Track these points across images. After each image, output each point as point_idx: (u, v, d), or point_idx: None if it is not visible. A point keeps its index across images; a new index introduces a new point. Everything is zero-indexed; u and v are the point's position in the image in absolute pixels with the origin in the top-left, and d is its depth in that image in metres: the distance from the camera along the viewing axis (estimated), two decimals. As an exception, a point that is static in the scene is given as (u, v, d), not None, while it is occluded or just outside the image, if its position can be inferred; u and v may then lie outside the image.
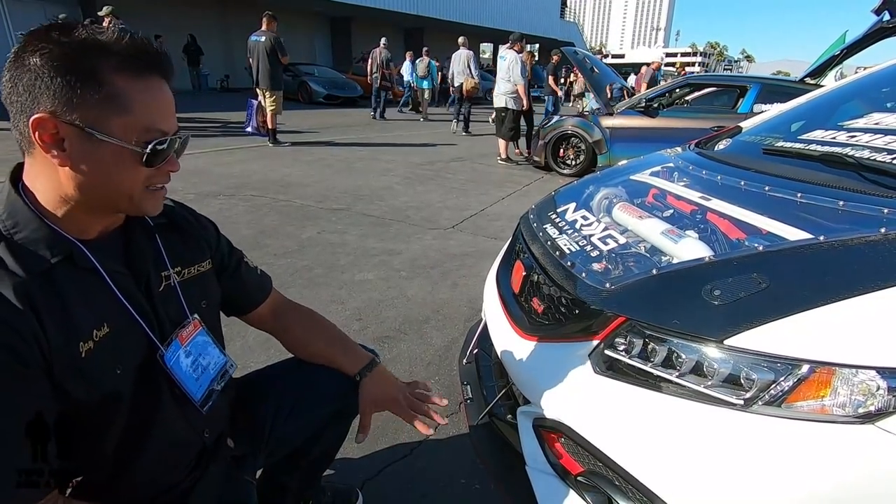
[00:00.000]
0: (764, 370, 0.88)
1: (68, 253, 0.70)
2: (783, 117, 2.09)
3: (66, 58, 0.62)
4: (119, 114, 0.65)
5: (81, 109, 0.63)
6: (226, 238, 1.03)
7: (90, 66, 0.63)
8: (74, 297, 0.69)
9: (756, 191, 1.37)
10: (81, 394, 0.69)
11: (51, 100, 0.62)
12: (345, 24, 23.83)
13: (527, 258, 1.56)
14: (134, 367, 0.76)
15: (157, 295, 0.82)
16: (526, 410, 1.30)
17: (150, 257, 0.82)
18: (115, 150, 0.66)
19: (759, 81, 5.42)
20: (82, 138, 0.65)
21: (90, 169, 0.66)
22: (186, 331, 0.86)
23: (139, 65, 0.66)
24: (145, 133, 0.67)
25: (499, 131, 6.88)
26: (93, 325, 0.71)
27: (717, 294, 0.99)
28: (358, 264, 3.00)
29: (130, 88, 0.65)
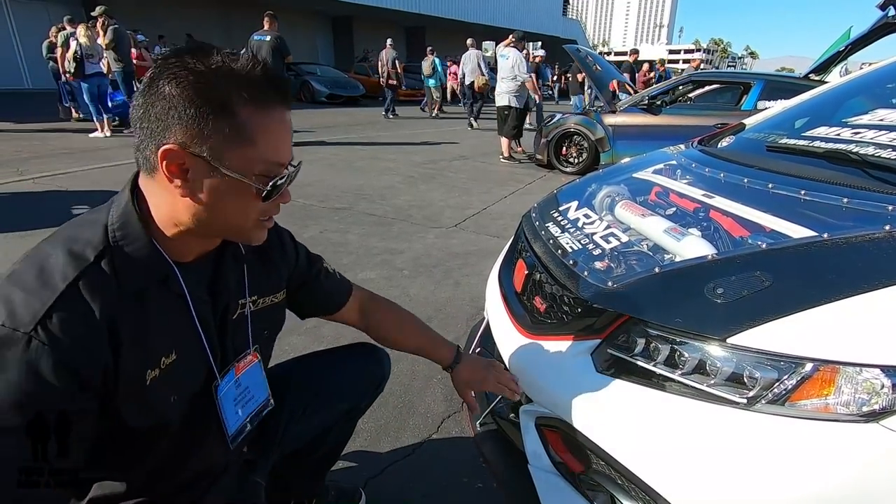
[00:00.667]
0: (767, 369, 0.88)
1: (164, 276, 0.69)
2: (787, 114, 2.08)
3: (201, 87, 0.61)
4: (243, 146, 0.64)
5: (210, 141, 0.62)
6: (304, 251, 1.02)
7: (223, 97, 0.62)
8: (155, 321, 0.68)
9: (759, 188, 1.36)
10: (134, 418, 0.68)
11: (182, 130, 0.61)
12: (346, 23, 23.84)
13: (529, 257, 1.55)
14: (188, 394, 0.76)
15: (229, 322, 0.81)
16: (528, 409, 1.29)
17: (233, 284, 0.81)
18: (235, 184, 0.65)
19: (763, 78, 5.39)
20: (207, 170, 0.64)
21: (208, 201, 0.65)
22: (244, 362, 0.86)
23: (267, 96, 0.65)
24: (266, 167, 0.66)
25: (501, 130, 6.87)
26: (163, 352, 0.70)
27: (720, 292, 0.99)
28: (360, 263, 3.00)
29: (257, 121, 0.64)
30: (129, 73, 7.31)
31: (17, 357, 0.56)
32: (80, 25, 6.84)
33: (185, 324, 0.73)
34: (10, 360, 0.56)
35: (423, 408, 1.72)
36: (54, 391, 0.58)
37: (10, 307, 0.58)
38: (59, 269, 0.61)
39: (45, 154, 5.60)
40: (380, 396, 1.18)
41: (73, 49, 6.68)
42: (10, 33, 14.29)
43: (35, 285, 0.60)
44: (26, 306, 0.58)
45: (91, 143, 6.47)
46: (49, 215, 3.53)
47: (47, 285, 0.60)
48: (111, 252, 0.64)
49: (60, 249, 0.63)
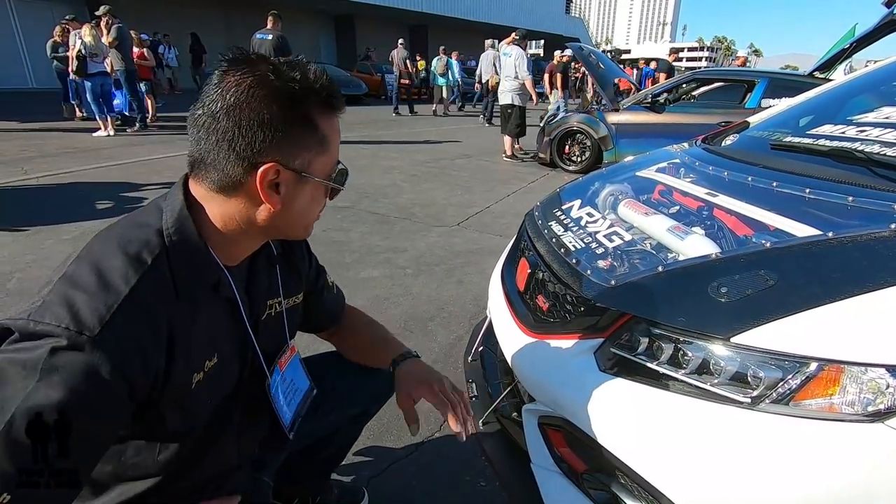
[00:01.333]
0: (771, 368, 0.87)
1: (216, 281, 0.70)
2: (791, 112, 2.07)
3: (289, 104, 0.63)
4: (324, 154, 0.69)
5: (302, 155, 0.67)
6: (315, 259, 1.03)
7: (307, 111, 0.66)
8: (204, 325, 0.69)
9: (764, 187, 1.35)
10: (177, 424, 0.69)
11: (276, 149, 0.64)
12: (349, 22, 23.83)
13: (532, 256, 1.55)
14: (220, 398, 0.76)
15: (261, 324, 0.83)
16: (531, 408, 1.29)
17: (265, 286, 0.83)
18: (315, 188, 0.71)
19: (767, 76, 5.36)
20: (297, 180, 0.68)
21: (291, 206, 0.69)
22: (285, 356, 0.89)
23: (333, 104, 0.69)
24: (335, 167, 0.73)
25: (504, 128, 6.86)
26: (207, 355, 0.70)
27: (723, 291, 0.98)
28: (363, 262, 3.01)
29: (329, 127, 0.69)
30: (131, 72, 7.33)
31: (80, 360, 0.55)
32: (85, 25, 6.86)
33: (230, 327, 0.75)
34: (72, 361, 0.55)
35: (426, 406, 1.70)
36: (108, 393, 0.58)
37: (74, 309, 0.57)
38: (119, 271, 0.61)
39: (50, 153, 5.61)
40: (382, 395, 1.17)
41: (77, 48, 6.70)
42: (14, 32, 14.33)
43: (96, 288, 0.59)
44: (92, 310, 0.57)
45: (95, 143, 6.48)
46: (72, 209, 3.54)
47: (109, 288, 0.59)
48: (167, 256, 0.64)
49: (117, 251, 0.63)
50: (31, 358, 0.54)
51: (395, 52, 11.85)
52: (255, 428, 0.90)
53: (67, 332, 0.56)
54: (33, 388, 0.53)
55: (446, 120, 11.52)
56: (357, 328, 1.11)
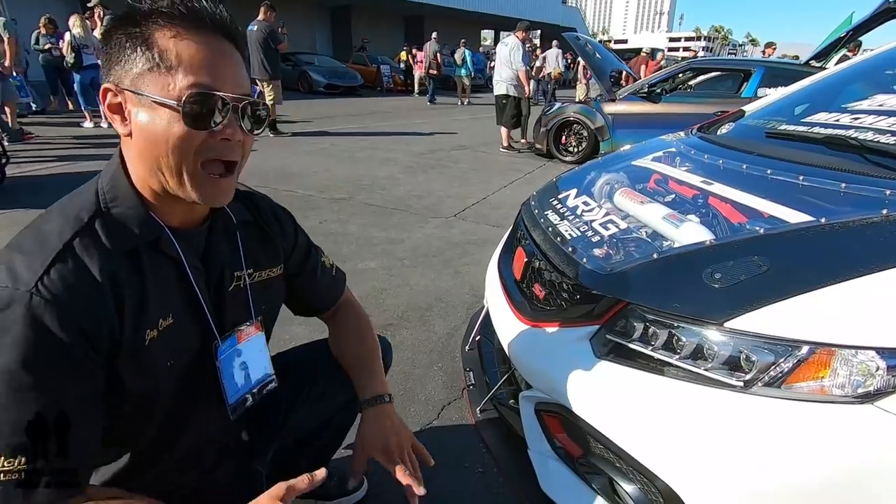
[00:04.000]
0: (764, 352, 0.89)
1: (156, 237, 0.70)
2: (787, 100, 2.08)
3: (127, 27, 0.63)
4: (163, 71, 0.63)
5: (134, 72, 0.63)
6: (304, 238, 1.00)
7: (142, 30, 0.63)
8: (152, 280, 0.70)
9: (758, 174, 1.36)
10: (133, 382, 0.69)
11: (115, 71, 0.64)
12: (345, 13, 23.60)
13: (528, 245, 1.56)
14: (184, 362, 0.76)
15: (226, 294, 0.82)
16: (528, 395, 1.31)
17: (227, 256, 0.82)
18: (161, 111, 0.63)
19: (763, 65, 5.36)
20: (135, 102, 0.64)
21: (141, 134, 0.65)
22: (246, 331, 0.85)
23: (187, 23, 0.64)
24: (188, 88, 0.63)
25: (500, 119, 6.83)
26: (161, 313, 0.71)
27: (717, 277, 0.99)
28: (360, 253, 3.01)
29: (176, 47, 0.63)
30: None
31: (21, 314, 0.57)
32: (74, 16, 6.77)
33: (181, 288, 0.74)
34: (14, 318, 0.57)
35: (423, 395, 1.74)
36: (63, 346, 0.59)
37: (12, 270, 0.60)
38: (55, 231, 0.64)
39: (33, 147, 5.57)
40: (382, 383, 1.18)
41: (68, 40, 6.63)
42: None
43: (33, 248, 0.62)
44: (26, 267, 0.60)
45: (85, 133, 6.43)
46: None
47: (45, 246, 0.62)
48: (103, 214, 0.67)
49: (56, 215, 0.66)
50: None
51: (427, 44, 13.19)
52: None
53: (5, 290, 0.58)
54: None
55: (443, 111, 11.47)
56: (347, 334, 1.07)
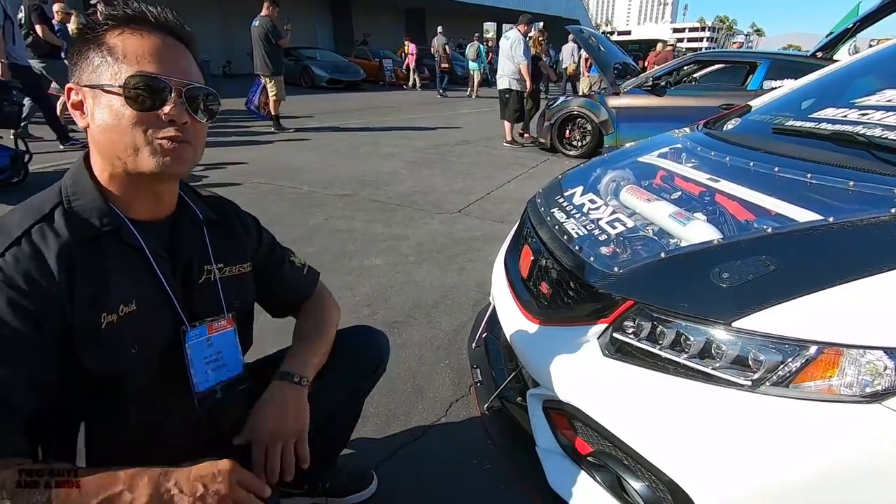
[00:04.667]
0: (772, 351, 0.89)
1: (117, 227, 0.74)
2: (793, 95, 2.06)
3: (86, 32, 0.72)
4: (111, 66, 0.70)
5: (88, 71, 0.71)
6: (269, 237, 1.04)
7: (97, 35, 0.71)
8: (113, 269, 0.74)
9: (765, 172, 1.36)
10: (96, 365, 0.71)
11: (74, 72, 0.72)
12: (345, 6, 23.48)
13: (534, 242, 1.56)
14: (153, 349, 0.79)
15: (196, 286, 0.84)
16: (536, 392, 1.32)
17: (195, 248, 0.85)
18: (111, 98, 0.69)
19: (769, 57, 5.31)
20: (91, 95, 0.71)
21: (95, 123, 0.71)
22: (218, 324, 0.87)
23: (134, 23, 0.71)
24: (130, 76, 0.69)
25: (503, 113, 6.81)
26: (122, 300, 0.74)
27: (725, 277, 1.00)
28: (366, 250, 3.02)
29: (123, 42, 0.70)
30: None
31: None
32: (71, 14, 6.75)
33: (146, 276, 0.78)
34: None
35: (431, 392, 1.75)
36: (7, 328, 0.64)
37: None
38: (16, 221, 0.70)
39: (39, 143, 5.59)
40: (388, 381, 1.19)
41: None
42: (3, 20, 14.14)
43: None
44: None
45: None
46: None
47: (3, 233, 0.68)
48: (64, 206, 0.72)
49: (20, 209, 0.73)
50: None
51: (436, 38, 13.43)
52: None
53: None
54: None
55: (446, 106, 11.44)
56: (306, 315, 1.07)
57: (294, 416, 0.89)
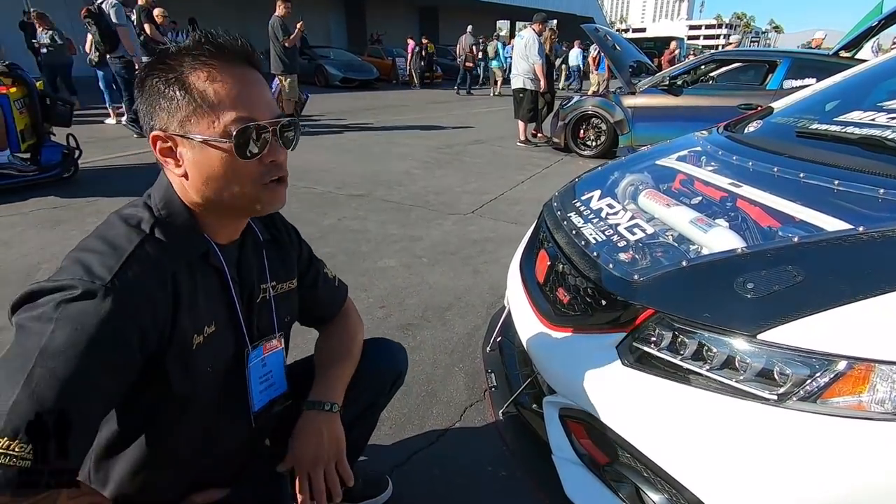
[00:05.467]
0: (799, 365, 0.87)
1: (206, 250, 0.76)
2: (817, 97, 2.02)
3: (163, 73, 0.67)
4: (205, 112, 0.67)
5: (178, 116, 0.67)
6: (308, 249, 1.04)
7: (178, 75, 0.67)
8: (201, 291, 0.75)
9: (790, 178, 1.33)
10: (179, 384, 0.73)
11: (159, 116, 0.68)
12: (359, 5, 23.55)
13: (551, 247, 1.55)
14: (221, 368, 0.81)
15: (255, 306, 0.86)
16: (552, 400, 1.31)
17: (257, 269, 0.87)
18: (211, 150, 0.68)
19: (790, 56, 5.21)
20: (185, 144, 0.69)
21: (198, 173, 0.70)
22: (271, 344, 0.90)
23: (214, 58, 0.67)
24: (233, 124, 0.67)
25: (517, 113, 6.77)
26: (206, 321, 0.76)
27: (749, 287, 0.97)
28: (379, 251, 3.02)
29: (211, 86, 0.67)
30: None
31: (94, 305, 0.61)
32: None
33: (222, 298, 0.80)
34: (87, 308, 0.61)
35: (445, 397, 1.74)
36: (121, 343, 0.63)
37: (87, 266, 0.64)
38: (123, 236, 0.69)
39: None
40: (403, 385, 1.18)
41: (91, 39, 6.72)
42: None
43: (106, 249, 0.66)
44: (102, 265, 0.64)
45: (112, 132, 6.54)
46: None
47: (117, 248, 0.67)
48: (162, 226, 0.71)
49: (118, 224, 0.71)
50: (47, 310, 0.60)
51: (463, 37, 13.63)
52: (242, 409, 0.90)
53: (81, 282, 0.62)
54: (48, 336, 0.58)
55: (459, 105, 11.42)
56: (331, 336, 1.06)
57: (329, 441, 0.90)
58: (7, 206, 3.57)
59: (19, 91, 4.00)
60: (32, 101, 4.07)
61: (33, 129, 4.12)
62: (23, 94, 4.02)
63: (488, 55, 14.42)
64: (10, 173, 3.86)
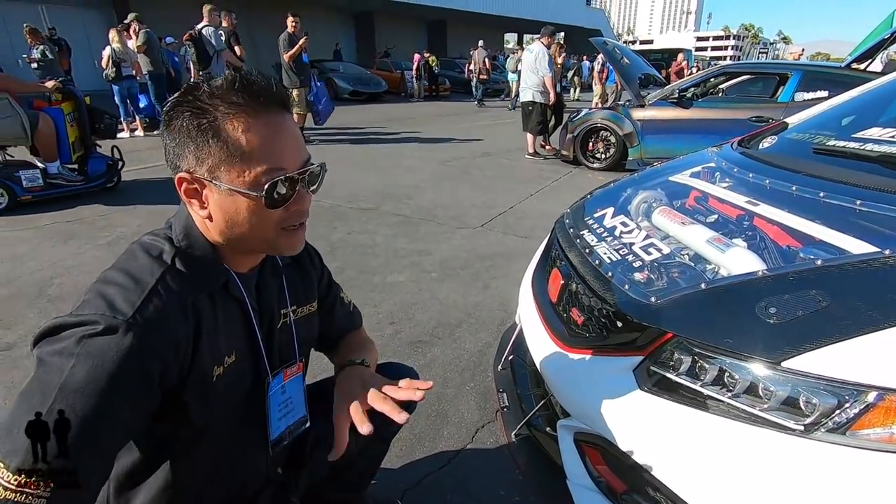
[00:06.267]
0: (826, 395, 0.84)
1: (226, 280, 0.75)
2: (832, 112, 1.99)
3: (193, 116, 0.66)
4: (235, 160, 0.66)
5: (207, 163, 0.67)
6: (328, 273, 1.04)
7: (210, 120, 0.66)
8: (221, 322, 0.74)
9: (809, 196, 1.30)
10: (197, 415, 0.72)
11: (186, 158, 0.68)
12: (368, 20, 23.87)
13: (564, 266, 1.53)
14: (239, 398, 0.80)
15: (276, 332, 0.85)
16: (566, 424, 1.28)
17: (276, 295, 0.86)
18: (239, 198, 0.67)
19: (801, 68, 5.18)
20: (212, 189, 0.68)
21: (223, 217, 0.70)
22: (291, 370, 0.89)
23: (247, 105, 0.66)
24: (264, 175, 0.67)
25: (526, 125, 6.79)
26: (226, 352, 0.75)
27: (772, 312, 0.95)
28: (389, 266, 3.01)
29: (241, 132, 0.66)
30: (159, 75, 7.49)
31: (116, 341, 0.60)
32: (111, 30, 7.04)
33: (242, 328, 0.79)
34: (109, 344, 0.60)
35: (456, 417, 1.72)
36: (142, 378, 0.62)
37: (110, 301, 0.63)
38: (145, 269, 0.68)
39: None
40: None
41: (108, 54, 6.87)
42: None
43: (126, 282, 0.66)
44: (125, 299, 0.63)
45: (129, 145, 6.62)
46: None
47: (138, 282, 0.66)
48: (183, 258, 0.71)
49: (140, 255, 0.71)
50: (68, 344, 0.59)
51: (476, 51, 13.76)
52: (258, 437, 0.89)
53: (104, 318, 0.61)
54: (69, 372, 0.58)
55: (467, 117, 11.47)
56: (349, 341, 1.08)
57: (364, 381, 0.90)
58: (25, 219, 3.63)
59: (70, 105, 4.23)
60: (81, 114, 4.30)
61: (81, 142, 4.35)
62: (73, 108, 4.25)
63: (507, 68, 14.54)
64: (59, 183, 4.11)
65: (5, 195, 3.81)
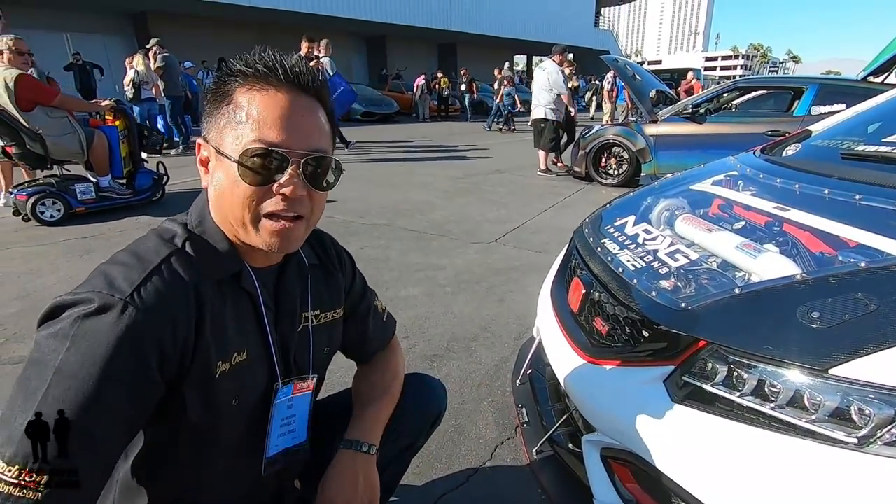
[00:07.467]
0: (881, 404, 0.78)
1: (238, 271, 0.72)
2: (857, 119, 1.94)
3: (218, 84, 0.68)
4: (236, 126, 0.65)
5: (216, 126, 0.67)
6: (362, 278, 0.99)
7: (228, 86, 0.66)
8: (231, 315, 0.71)
9: (845, 200, 1.25)
10: (197, 412, 0.68)
11: (208, 123, 0.68)
12: (380, 43, 24.36)
13: (585, 275, 1.48)
14: (248, 403, 0.75)
15: (294, 335, 0.81)
16: (592, 439, 1.21)
17: (297, 297, 0.82)
18: (228, 165, 0.65)
19: (817, 82, 5.13)
20: (212, 154, 0.68)
21: (214, 188, 0.68)
22: (303, 384, 0.84)
23: (263, 78, 0.65)
24: (251, 144, 0.63)
25: (538, 142, 6.79)
26: (235, 348, 0.71)
27: (815, 316, 0.89)
28: (402, 280, 2.98)
29: (249, 103, 0.65)
30: (177, 98, 7.68)
31: (111, 321, 0.58)
32: (137, 54, 7.27)
33: (253, 325, 0.75)
34: (105, 324, 0.58)
35: (474, 433, 1.65)
36: (139, 362, 0.59)
37: (109, 279, 0.61)
38: (152, 249, 0.66)
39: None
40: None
41: (131, 76, 7.07)
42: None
43: (132, 262, 0.64)
44: (124, 278, 0.61)
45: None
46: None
47: (142, 261, 0.64)
48: (193, 242, 0.69)
49: (151, 237, 0.69)
50: (64, 326, 0.57)
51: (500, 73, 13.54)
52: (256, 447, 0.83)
53: (100, 296, 0.59)
54: (63, 355, 0.55)
55: (477, 136, 11.55)
56: (373, 372, 1.01)
57: (365, 486, 0.85)
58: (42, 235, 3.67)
59: (122, 123, 4.49)
60: (132, 132, 4.55)
61: (130, 157, 4.62)
62: (125, 126, 4.51)
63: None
64: (110, 196, 4.41)
65: (62, 207, 4.06)
